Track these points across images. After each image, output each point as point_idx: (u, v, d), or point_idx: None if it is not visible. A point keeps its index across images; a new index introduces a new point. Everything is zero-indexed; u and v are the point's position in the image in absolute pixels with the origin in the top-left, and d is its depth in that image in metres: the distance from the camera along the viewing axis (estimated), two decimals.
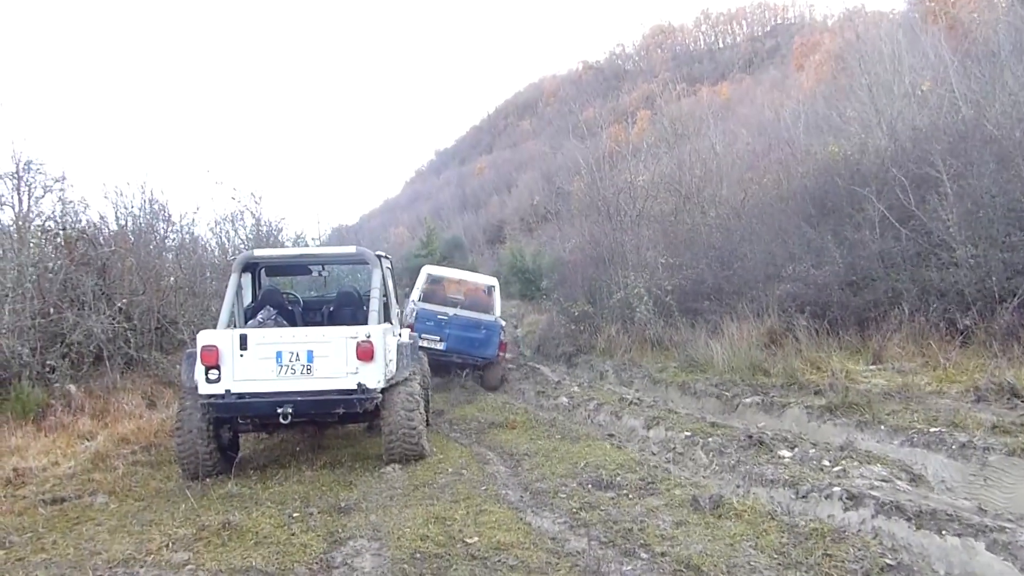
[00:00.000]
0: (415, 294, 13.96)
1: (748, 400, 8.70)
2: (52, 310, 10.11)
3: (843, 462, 5.87)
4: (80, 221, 11.67)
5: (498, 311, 14.11)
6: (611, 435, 8.41)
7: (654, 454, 7.42)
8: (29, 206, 10.72)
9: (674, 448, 7.45)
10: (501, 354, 13.78)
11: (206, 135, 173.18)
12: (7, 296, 9.52)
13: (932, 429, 6.17)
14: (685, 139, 18.89)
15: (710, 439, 7.21)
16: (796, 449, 6.45)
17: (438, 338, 13.27)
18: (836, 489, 5.06)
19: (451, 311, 13.62)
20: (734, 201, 15.08)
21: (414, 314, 13.30)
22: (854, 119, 13.00)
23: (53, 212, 11.17)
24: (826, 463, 5.96)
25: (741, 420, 8.25)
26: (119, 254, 11.62)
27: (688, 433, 7.62)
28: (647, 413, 8.97)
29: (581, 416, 9.95)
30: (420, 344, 12.18)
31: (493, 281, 14.94)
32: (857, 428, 6.85)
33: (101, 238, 11.84)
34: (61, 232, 11.14)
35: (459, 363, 13.53)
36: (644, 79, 72.84)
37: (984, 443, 5.60)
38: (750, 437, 6.85)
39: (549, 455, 7.34)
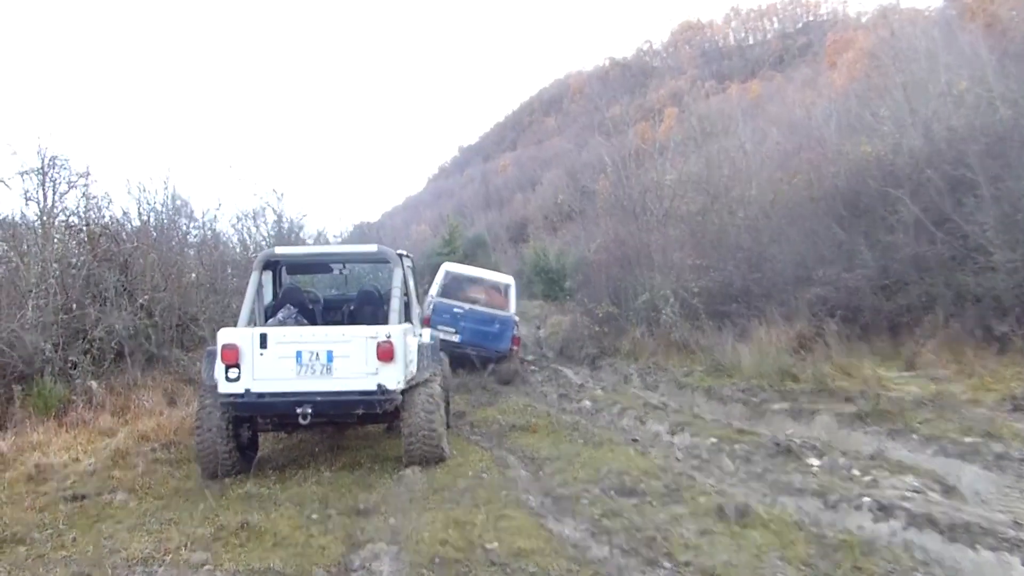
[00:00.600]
0: (433, 289, 14.51)
1: (776, 406, 8.66)
2: (75, 306, 10.18)
3: (873, 472, 5.84)
4: (103, 217, 11.77)
5: (513, 308, 14.64)
6: (635, 440, 8.38)
7: (679, 460, 7.40)
8: (54, 202, 10.82)
9: (699, 455, 7.44)
10: (514, 348, 14.26)
11: (229, 130, 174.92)
12: (31, 292, 9.61)
13: (967, 439, 6.12)
14: (713, 137, 18.75)
15: (736, 446, 7.20)
16: (825, 458, 6.42)
17: (453, 330, 13.76)
18: (866, 500, 5.03)
19: (467, 305, 14.17)
20: (763, 201, 14.90)
21: (431, 307, 13.85)
22: (888, 118, 12.76)
23: (77, 207, 11.26)
24: (856, 472, 5.93)
25: (769, 427, 8.21)
26: (141, 250, 11.70)
27: (714, 439, 7.62)
28: (672, 418, 8.94)
29: (604, 420, 9.93)
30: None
31: (510, 280, 15.51)
32: (888, 437, 6.79)
33: (124, 234, 11.93)
34: (85, 228, 11.21)
35: (473, 355, 13.94)
36: (672, 76, 72.62)
37: (1021, 454, 5.56)
38: (778, 444, 6.85)
39: (571, 460, 7.32)
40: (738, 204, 15.50)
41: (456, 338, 13.75)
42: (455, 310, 14.03)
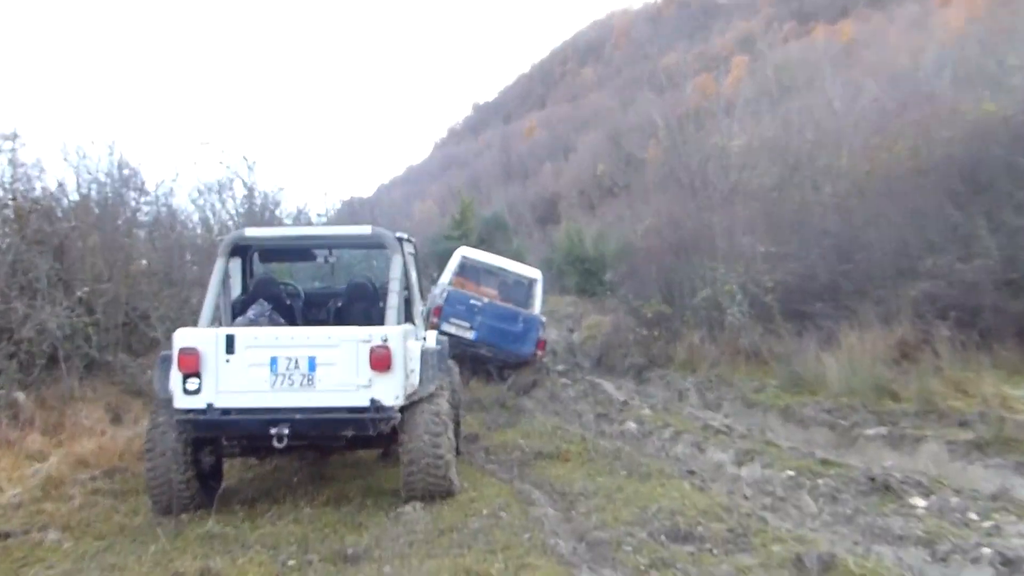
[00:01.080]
0: (445, 277, 15.18)
1: (871, 431, 8.65)
2: None
3: (995, 515, 5.78)
4: (34, 189, 11.79)
5: (538, 308, 15.34)
6: (691, 472, 8.38)
7: (746, 498, 7.37)
8: None
9: (773, 491, 7.41)
10: (539, 353, 14.95)
11: (189, 85, 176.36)
12: None
13: None
14: (794, 93, 18.77)
15: (820, 481, 7.17)
16: (933, 497, 6.37)
17: (468, 325, 14.47)
18: (986, 550, 4.99)
19: (486, 298, 14.86)
20: (856, 174, 14.80)
21: (444, 295, 14.54)
22: (1018, 68, 12.61)
23: (1, 177, 11.34)
24: (973, 516, 5.87)
25: (861, 457, 8.17)
26: (80, 230, 11.74)
27: (791, 472, 7.60)
28: (738, 445, 8.94)
29: (653, 447, 9.94)
30: (446, 329, 13.91)
31: (536, 274, 16.15)
32: (1016, 472, 6.74)
33: (59, 210, 11.97)
34: (11, 202, 11.25)
35: (488, 357, 14.68)
36: (742, 15, 72.09)
37: None
38: (872, 480, 6.79)
39: (611, 496, 7.33)
40: (824, 177, 15.43)
41: (470, 335, 14.40)
42: (472, 302, 14.59)
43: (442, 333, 12.43)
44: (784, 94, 18.98)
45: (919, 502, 6.30)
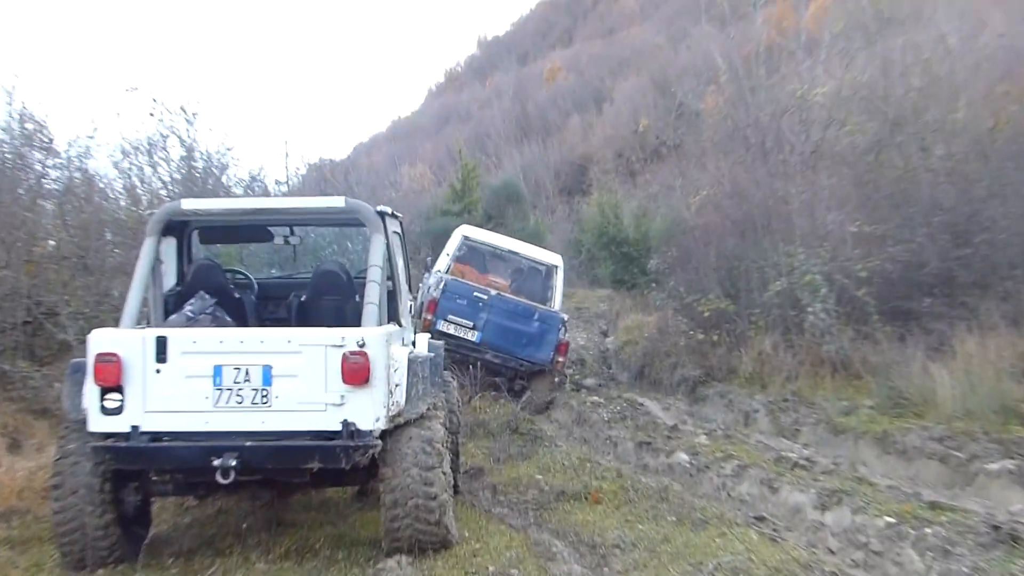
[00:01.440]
0: (442, 263, 15.46)
1: (994, 465, 8.56)
2: None
3: None
4: None
5: (559, 302, 15.75)
6: (760, 518, 8.40)
7: (833, 552, 7.42)
8: None
9: (866, 543, 7.38)
10: (560, 360, 15.26)
11: (113, 18, 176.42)
12: None
13: None
14: (896, 27, 18.48)
15: (928, 530, 7.12)
16: None
17: (471, 324, 14.78)
18: None
19: (493, 290, 15.17)
20: (977, 131, 14.68)
21: (440, 286, 14.76)
22: None
23: None
24: None
25: (981, 499, 8.12)
26: None
27: (890, 519, 7.53)
28: (821, 483, 8.88)
29: (711, 485, 10.00)
30: (443, 330, 14.24)
31: (557, 259, 16.60)
32: None
33: None
34: None
35: (495, 365, 15.06)
36: None
37: None
38: (996, 528, 6.78)
39: (655, 549, 7.31)
40: (935, 135, 15.26)
41: (473, 336, 14.72)
42: (476, 295, 14.87)
43: (437, 335, 12.57)
44: (883, 28, 18.74)
45: None
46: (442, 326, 14.34)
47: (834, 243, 14.45)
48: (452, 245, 15.74)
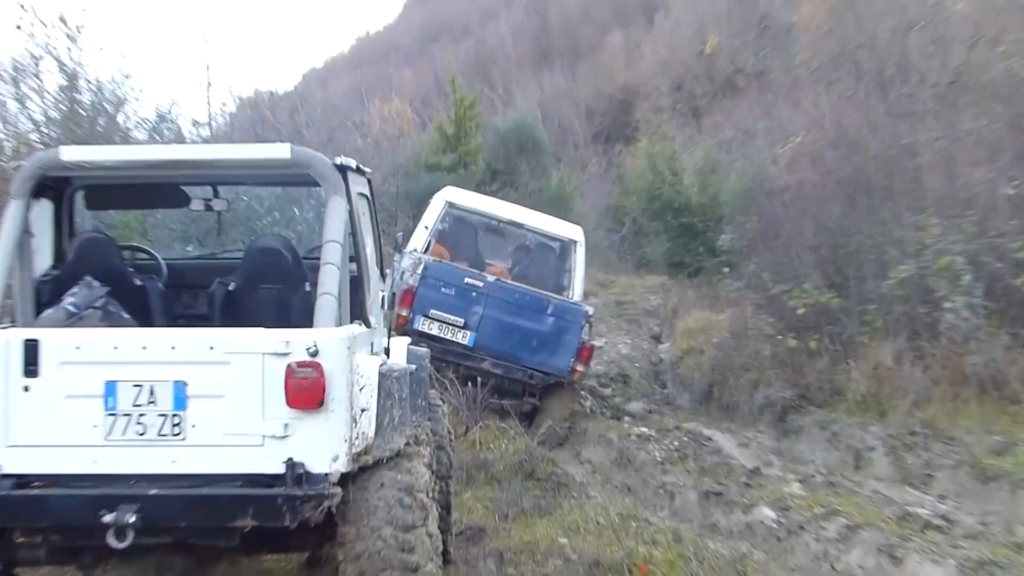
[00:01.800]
0: (419, 238, 14.01)
1: None
2: None
3: None
4: None
5: (579, 291, 14.38)
6: None
7: None
8: None
9: None
10: (580, 369, 13.89)
11: None
12: None
13: None
14: None
15: None
16: None
17: (461, 322, 13.57)
18: None
19: (491, 276, 13.88)
20: None
21: (419, 270, 13.45)
22: None
23: None
24: None
25: None
26: None
27: None
28: (965, 551, 8.53)
29: (807, 554, 9.47)
30: (425, 330, 13.41)
31: (576, 233, 15.01)
32: None
33: None
34: None
35: (494, 376, 13.66)
36: None
37: None
38: None
39: None
40: None
41: (465, 339, 13.59)
42: (468, 282, 13.66)
43: (416, 338, 11.47)
44: None
45: None
46: (422, 325, 13.26)
47: (982, 211, 13.47)
48: (432, 214, 14.16)
